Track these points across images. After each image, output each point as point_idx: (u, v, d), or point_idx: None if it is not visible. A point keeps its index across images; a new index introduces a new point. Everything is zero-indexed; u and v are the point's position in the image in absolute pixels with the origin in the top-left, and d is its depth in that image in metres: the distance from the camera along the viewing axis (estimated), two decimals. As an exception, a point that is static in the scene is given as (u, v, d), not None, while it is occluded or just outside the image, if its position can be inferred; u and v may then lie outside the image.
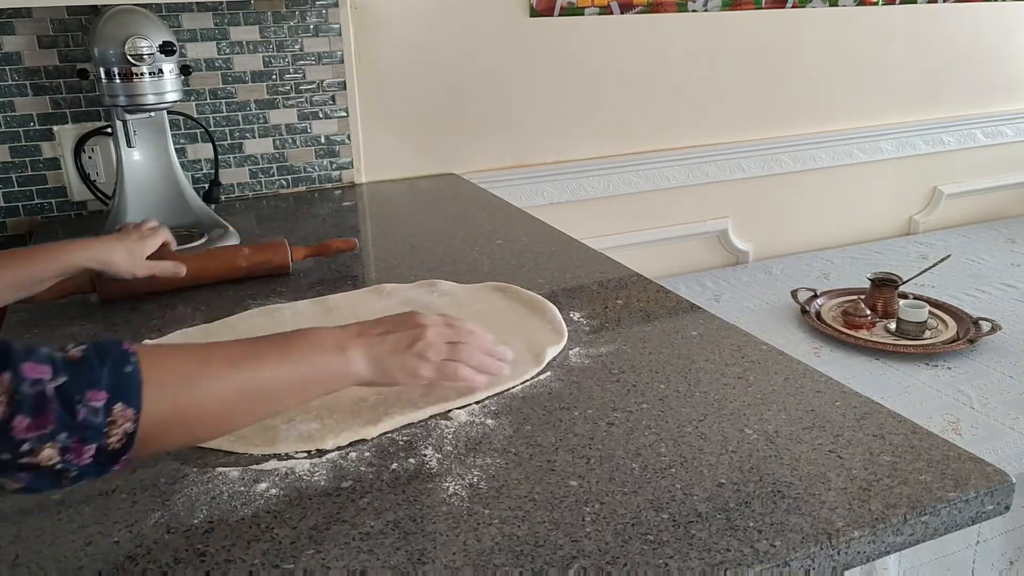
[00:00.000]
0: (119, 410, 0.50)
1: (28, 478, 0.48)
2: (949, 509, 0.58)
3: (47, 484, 0.49)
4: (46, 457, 0.48)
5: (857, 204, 2.21)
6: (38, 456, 0.47)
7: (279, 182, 1.55)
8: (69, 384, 0.48)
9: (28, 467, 0.47)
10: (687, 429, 0.68)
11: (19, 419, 0.46)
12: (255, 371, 0.59)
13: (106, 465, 0.51)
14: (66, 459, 0.48)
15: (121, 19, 1.19)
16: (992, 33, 2.21)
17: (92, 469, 0.50)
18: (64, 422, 0.48)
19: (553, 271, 1.07)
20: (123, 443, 0.50)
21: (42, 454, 0.47)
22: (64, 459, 0.48)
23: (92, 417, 0.49)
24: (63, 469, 0.49)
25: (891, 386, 1.40)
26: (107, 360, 0.51)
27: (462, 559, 0.53)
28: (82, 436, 0.48)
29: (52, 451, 0.48)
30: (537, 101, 1.75)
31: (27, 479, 0.48)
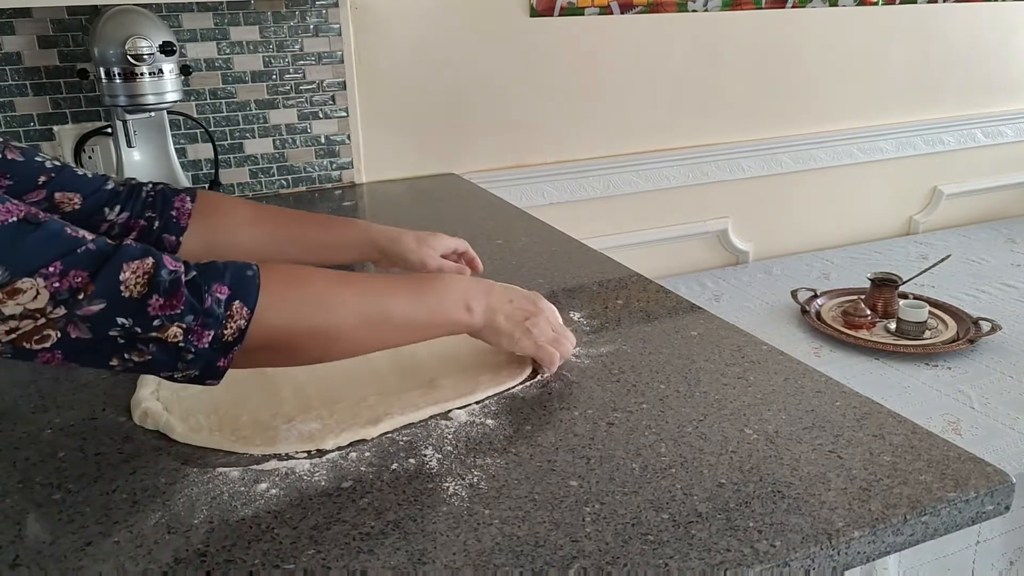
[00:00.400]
0: (237, 306, 0.56)
1: (154, 350, 0.54)
2: (949, 509, 0.58)
3: (167, 360, 0.55)
4: (172, 335, 0.54)
5: (857, 204, 2.21)
6: (165, 332, 0.54)
7: (279, 182, 1.55)
8: (199, 276, 0.55)
9: (155, 340, 0.54)
10: (687, 429, 0.68)
11: (155, 298, 0.53)
12: (383, 303, 0.65)
13: (218, 353, 0.56)
14: (188, 339, 0.55)
15: (121, 19, 1.19)
16: (992, 33, 2.21)
17: (207, 355, 0.56)
18: (192, 306, 0.54)
19: (553, 271, 1.07)
20: (235, 336, 0.56)
21: (169, 331, 0.54)
22: (187, 339, 0.54)
23: (215, 307, 0.55)
24: (184, 348, 0.55)
25: (891, 386, 1.40)
26: (231, 264, 0.58)
27: (462, 559, 0.53)
28: (204, 321, 0.55)
29: (178, 330, 0.54)
30: (537, 101, 1.75)
31: (153, 351, 0.54)
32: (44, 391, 0.78)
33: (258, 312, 0.57)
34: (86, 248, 0.52)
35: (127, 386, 0.78)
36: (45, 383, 0.80)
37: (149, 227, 0.75)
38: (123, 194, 0.75)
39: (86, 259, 0.52)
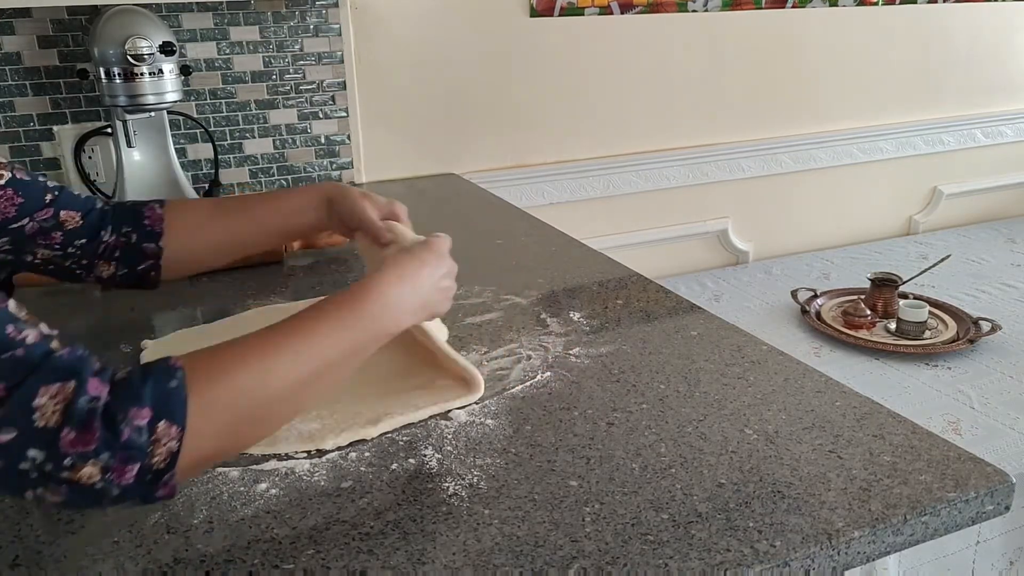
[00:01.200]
0: (163, 428, 0.49)
1: (67, 492, 0.47)
2: (949, 509, 0.58)
3: (87, 501, 0.48)
4: (86, 475, 0.47)
5: (857, 204, 2.21)
6: (78, 473, 0.47)
7: (279, 182, 1.55)
8: (112, 403, 0.48)
9: (68, 482, 0.47)
10: (687, 429, 0.68)
11: (66, 431, 0.46)
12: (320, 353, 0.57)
13: (151, 486, 0.49)
14: (107, 478, 0.48)
15: (121, 19, 1.19)
16: (992, 33, 2.21)
17: (136, 490, 0.49)
18: (106, 442, 0.47)
19: (553, 271, 1.07)
20: (166, 462, 0.49)
21: (82, 471, 0.47)
22: (105, 479, 0.47)
23: (136, 436, 0.48)
24: (104, 489, 0.48)
25: (891, 386, 1.40)
26: (150, 376, 0.50)
27: (462, 559, 0.53)
28: (125, 455, 0.48)
29: (93, 469, 0.47)
30: (537, 101, 1.75)
31: (66, 493, 0.47)
32: (44, 391, 0.78)
33: (190, 426, 0.50)
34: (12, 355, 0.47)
35: (127, 386, 0.78)
36: (45, 383, 0.80)
37: (128, 241, 0.75)
38: (108, 214, 0.75)
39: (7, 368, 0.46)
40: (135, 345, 0.88)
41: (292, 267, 1.13)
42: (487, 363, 0.81)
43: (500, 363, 0.81)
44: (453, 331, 0.89)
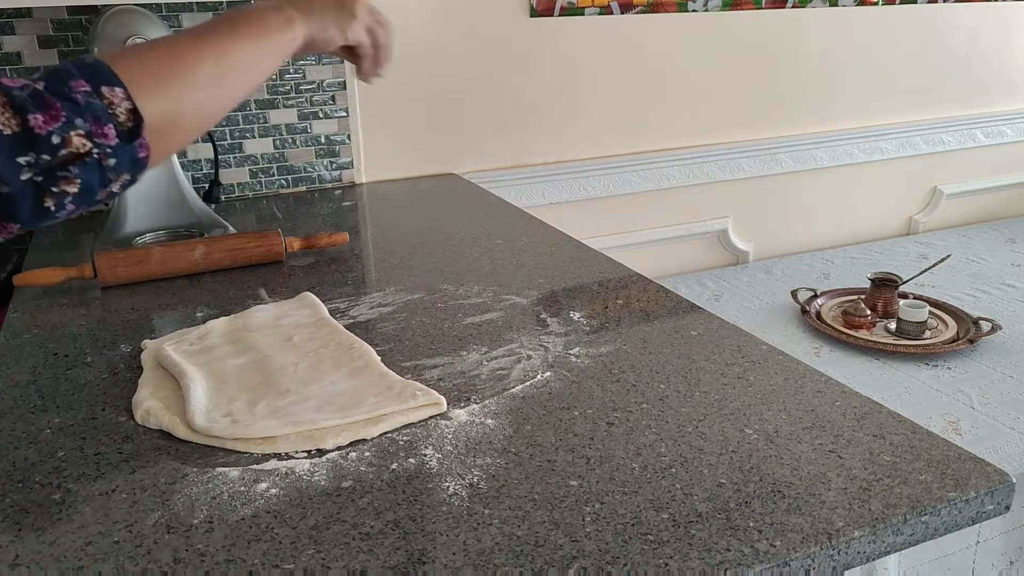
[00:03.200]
0: (107, 91, 0.53)
1: (77, 171, 0.51)
2: (949, 509, 0.58)
3: (97, 177, 0.52)
4: (79, 144, 0.50)
5: (857, 204, 2.21)
6: (71, 145, 0.50)
7: (279, 182, 1.55)
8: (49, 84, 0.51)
9: (68, 160, 0.50)
10: (687, 429, 0.68)
11: (32, 117, 0.49)
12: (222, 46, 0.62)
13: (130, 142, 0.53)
14: (96, 141, 0.51)
15: (121, 19, 1.19)
16: (991, 33, 2.21)
17: (122, 150, 0.53)
18: (71, 109, 0.50)
19: (553, 271, 1.07)
20: (132, 117, 0.54)
21: (73, 142, 0.50)
22: (94, 142, 0.51)
23: (91, 100, 0.51)
24: (100, 154, 0.52)
25: (891, 386, 1.40)
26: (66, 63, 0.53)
27: (462, 559, 0.53)
28: (94, 116, 0.51)
29: (79, 138, 0.50)
30: (537, 101, 1.75)
31: (76, 172, 0.51)
32: (43, 391, 0.78)
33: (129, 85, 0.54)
34: None
35: (127, 386, 0.78)
36: (45, 383, 0.80)
37: None
38: None
39: None
40: (135, 345, 0.88)
41: (292, 267, 1.13)
42: (487, 363, 0.81)
43: (500, 363, 0.81)
44: (453, 331, 0.89)
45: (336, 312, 0.95)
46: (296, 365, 0.79)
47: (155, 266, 1.07)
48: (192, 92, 0.60)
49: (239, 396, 0.74)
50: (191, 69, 0.60)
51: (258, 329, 0.88)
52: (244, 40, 0.65)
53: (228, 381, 0.77)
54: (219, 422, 0.69)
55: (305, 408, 0.71)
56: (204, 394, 0.73)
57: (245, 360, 0.81)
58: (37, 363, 0.84)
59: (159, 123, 0.56)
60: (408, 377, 0.77)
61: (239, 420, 0.69)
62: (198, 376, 0.76)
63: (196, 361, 0.80)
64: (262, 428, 0.68)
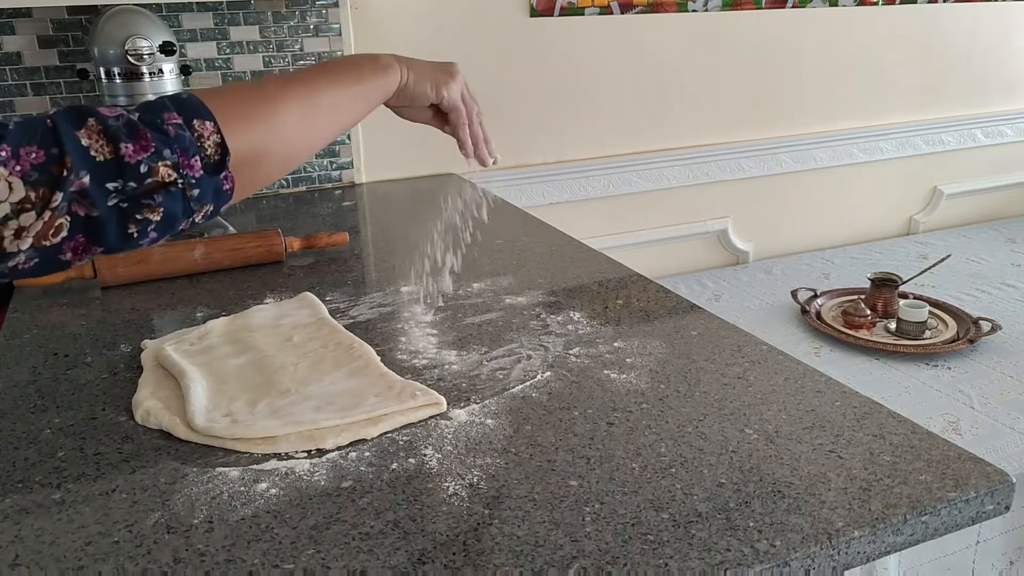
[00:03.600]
0: (198, 124, 0.55)
1: (161, 200, 0.53)
2: (949, 509, 0.58)
3: (180, 206, 0.54)
4: (164, 175, 0.53)
5: (857, 204, 2.21)
6: (157, 174, 0.52)
7: (279, 182, 1.55)
8: (143, 116, 0.54)
9: (154, 189, 0.52)
10: (687, 429, 0.68)
11: (124, 146, 0.51)
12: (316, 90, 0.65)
13: (215, 174, 0.56)
14: (182, 172, 0.53)
15: (121, 19, 1.19)
16: (992, 33, 2.21)
17: (207, 182, 0.55)
18: (161, 140, 0.53)
19: (553, 271, 1.07)
20: (219, 151, 0.56)
21: (160, 172, 0.53)
22: (180, 173, 0.53)
23: (181, 132, 0.54)
24: (184, 183, 0.54)
25: (891, 386, 1.40)
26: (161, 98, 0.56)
27: (462, 559, 0.53)
28: (182, 148, 0.54)
29: (166, 169, 0.53)
30: (537, 101, 1.75)
31: (161, 201, 0.53)
32: (43, 391, 0.78)
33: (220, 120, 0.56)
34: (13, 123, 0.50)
35: (127, 386, 0.78)
36: (45, 383, 0.80)
37: None
38: None
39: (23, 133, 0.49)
40: (135, 345, 0.88)
41: (292, 267, 1.13)
42: (487, 363, 0.81)
43: (500, 363, 0.81)
44: (453, 331, 0.89)
45: (336, 312, 0.95)
46: (296, 365, 0.79)
47: (155, 266, 1.07)
48: (279, 130, 0.62)
49: (239, 396, 0.74)
50: (279, 107, 0.62)
51: (258, 329, 0.88)
52: (336, 84, 0.68)
53: (228, 381, 0.77)
54: (219, 422, 0.69)
55: (305, 408, 0.71)
56: (204, 394, 0.73)
57: (245, 360, 0.81)
58: (37, 363, 0.84)
59: (244, 157, 0.58)
60: (408, 377, 0.77)
61: (239, 420, 0.69)
62: (198, 376, 0.76)
63: (196, 361, 0.80)
64: (262, 428, 0.68)
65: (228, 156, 0.56)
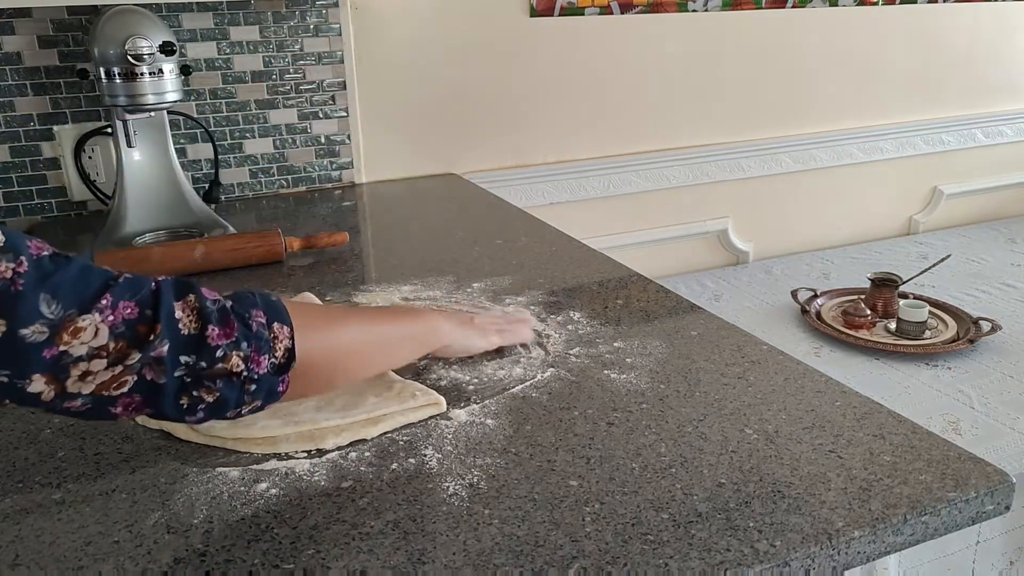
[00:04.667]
0: (277, 327, 0.58)
1: (221, 386, 0.55)
2: (949, 509, 0.58)
3: (234, 395, 0.56)
4: (233, 364, 0.55)
5: (857, 204, 2.21)
6: (229, 362, 0.55)
7: (279, 182, 1.55)
8: (235, 307, 0.57)
9: (220, 374, 0.55)
10: (687, 429, 0.68)
11: (211, 329, 0.54)
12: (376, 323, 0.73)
13: (276, 377, 0.58)
14: (249, 367, 0.56)
15: (121, 19, 1.19)
16: (992, 33, 2.21)
17: (267, 381, 0.58)
18: (244, 332, 0.56)
19: (553, 271, 1.07)
20: (286, 357, 0.59)
21: (232, 360, 0.55)
22: (247, 367, 0.56)
23: (261, 330, 0.57)
24: (247, 377, 0.56)
25: (891, 386, 1.40)
26: (254, 294, 0.60)
27: (462, 559, 0.53)
28: (258, 346, 0.56)
29: (238, 359, 0.55)
30: (537, 101, 1.75)
31: (220, 387, 0.55)
32: (44, 391, 0.78)
33: (297, 328, 0.60)
34: (124, 277, 0.53)
35: (127, 386, 0.78)
36: (45, 383, 0.80)
37: None
38: None
39: (128, 289, 0.52)
40: (135, 345, 0.87)
41: (292, 266, 1.13)
42: (487, 363, 0.81)
43: (500, 363, 0.81)
44: (453, 331, 0.89)
45: (336, 312, 0.95)
46: None
47: (155, 266, 1.06)
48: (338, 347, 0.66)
49: None
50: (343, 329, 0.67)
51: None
52: (394, 322, 0.75)
53: None
54: (220, 421, 0.69)
55: (305, 408, 0.71)
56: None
57: None
58: (37, 363, 0.84)
59: (305, 368, 0.60)
60: (408, 377, 0.77)
61: (240, 420, 0.69)
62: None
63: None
64: (262, 428, 0.68)
65: (293, 363, 0.59)
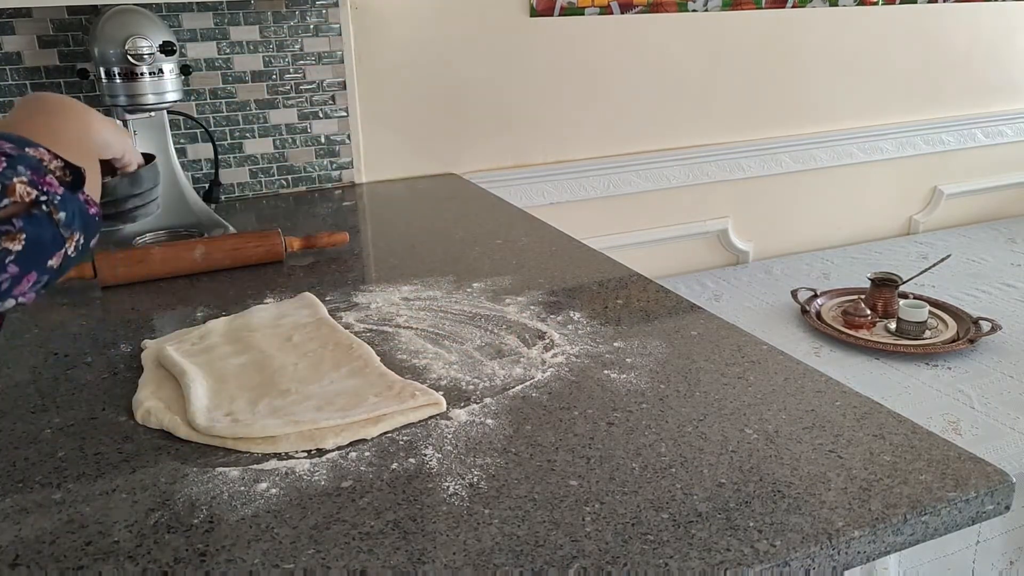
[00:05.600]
0: (32, 151, 0.50)
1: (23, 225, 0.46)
2: (949, 509, 0.58)
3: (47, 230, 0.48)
4: (24, 192, 0.47)
5: (857, 204, 2.21)
6: (15, 193, 0.46)
7: (279, 182, 1.55)
8: None
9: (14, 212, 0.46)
10: (687, 429, 0.68)
11: None
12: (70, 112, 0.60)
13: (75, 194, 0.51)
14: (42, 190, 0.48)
15: (121, 19, 1.19)
16: (992, 33, 2.21)
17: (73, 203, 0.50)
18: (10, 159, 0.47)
19: (553, 271, 1.07)
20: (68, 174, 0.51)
21: (17, 190, 0.46)
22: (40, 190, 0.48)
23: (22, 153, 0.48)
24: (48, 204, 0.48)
25: (891, 386, 1.40)
26: None
27: (462, 559, 0.53)
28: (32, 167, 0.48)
29: (23, 186, 0.47)
30: (537, 101, 1.75)
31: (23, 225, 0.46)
32: (44, 391, 0.78)
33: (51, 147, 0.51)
34: None
35: (127, 386, 0.78)
36: (45, 383, 0.80)
37: None
38: None
39: None
40: (135, 345, 0.88)
41: (292, 266, 1.13)
42: (487, 363, 0.81)
43: (500, 363, 0.81)
44: (453, 330, 0.89)
45: (336, 312, 0.95)
46: (296, 365, 0.79)
47: (155, 266, 1.07)
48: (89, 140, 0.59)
49: (240, 396, 0.74)
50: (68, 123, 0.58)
51: (258, 329, 0.88)
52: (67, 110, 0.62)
53: (228, 381, 0.77)
54: (220, 421, 0.69)
55: (306, 408, 0.71)
56: (205, 394, 0.73)
57: (245, 360, 0.81)
58: (37, 363, 0.84)
59: None
60: (408, 377, 0.77)
61: (240, 419, 0.69)
62: (199, 376, 0.76)
63: (197, 361, 0.80)
64: (263, 427, 0.68)
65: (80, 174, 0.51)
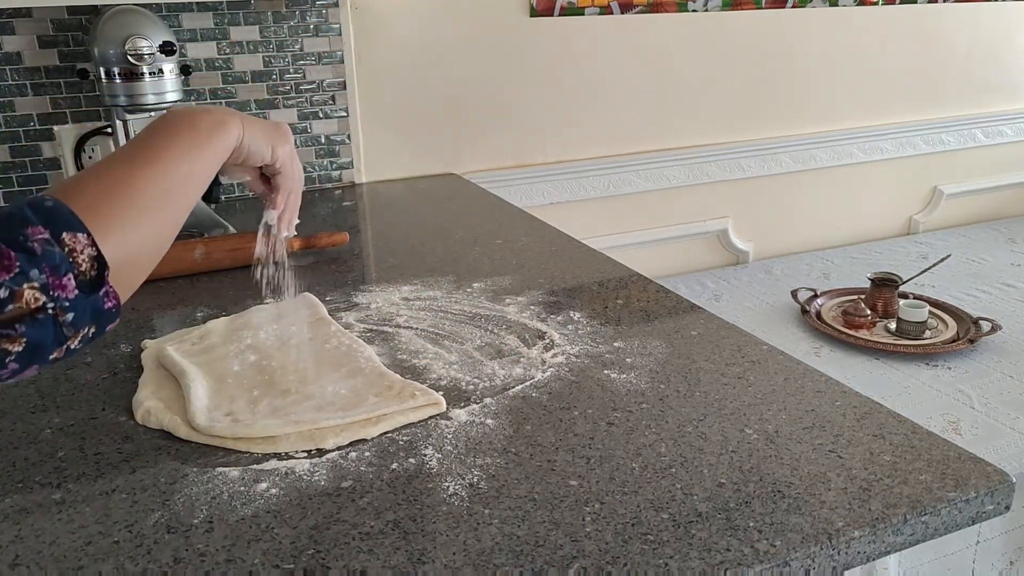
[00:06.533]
0: (69, 238, 0.48)
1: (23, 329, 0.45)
2: (949, 509, 0.58)
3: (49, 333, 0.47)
4: (31, 298, 0.45)
5: (857, 204, 2.21)
6: (22, 299, 0.45)
7: (279, 182, 1.54)
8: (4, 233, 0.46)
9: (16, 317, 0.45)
10: (687, 429, 0.68)
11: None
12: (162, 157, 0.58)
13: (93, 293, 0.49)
14: (52, 295, 0.46)
15: (121, 19, 1.19)
16: (992, 33, 2.21)
17: (85, 304, 0.48)
18: (27, 260, 0.45)
19: (553, 271, 1.07)
20: (95, 268, 0.49)
21: (24, 296, 0.45)
22: (50, 295, 0.46)
23: (49, 249, 0.47)
24: (55, 308, 0.46)
25: (891, 386, 1.40)
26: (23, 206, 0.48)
27: (462, 559, 0.53)
28: (52, 268, 0.46)
29: (32, 292, 0.45)
30: (537, 101, 1.75)
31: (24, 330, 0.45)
32: (44, 391, 0.78)
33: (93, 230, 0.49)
34: None
35: (127, 386, 0.78)
36: (45, 383, 0.80)
37: None
38: None
39: None
40: (135, 345, 0.88)
41: (292, 266, 1.12)
42: (487, 363, 0.81)
43: (500, 363, 0.81)
44: (453, 330, 0.89)
45: (336, 312, 0.95)
46: (296, 365, 0.79)
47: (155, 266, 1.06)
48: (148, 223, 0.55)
49: (240, 396, 0.74)
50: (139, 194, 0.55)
51: (258, 329, 0.88)
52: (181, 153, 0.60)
53: (229, 381, 0.77)
54: (221, 421, 0.69)
55: (306, 408, 0.71)
56: (205, 394, 0.73)
57: (245, 360, 0.81)
58: (37, 363, 0.84)
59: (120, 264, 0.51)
60: (408, 377, 0.77)
61: (240, 419, 0.69)
62: (199, 376, 0.76)
63: (197, 361, 0.80)
64: (263, 427, 0.68)
65: (107, 269, 0.49)
